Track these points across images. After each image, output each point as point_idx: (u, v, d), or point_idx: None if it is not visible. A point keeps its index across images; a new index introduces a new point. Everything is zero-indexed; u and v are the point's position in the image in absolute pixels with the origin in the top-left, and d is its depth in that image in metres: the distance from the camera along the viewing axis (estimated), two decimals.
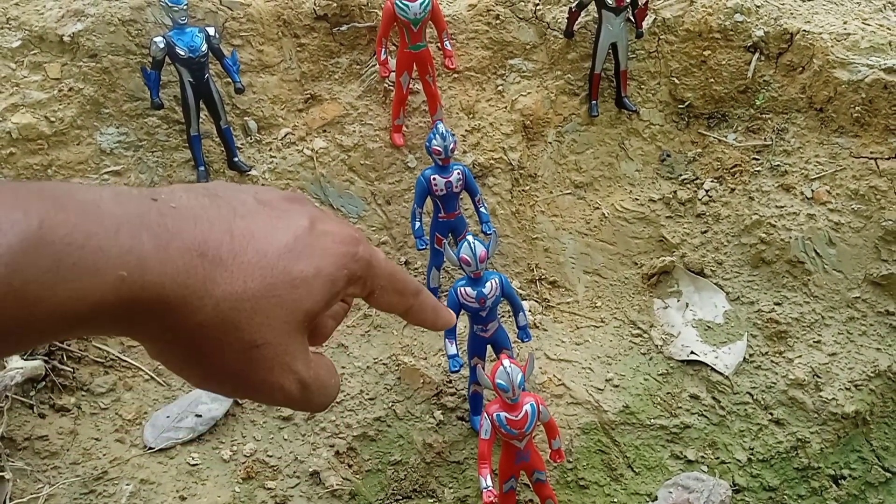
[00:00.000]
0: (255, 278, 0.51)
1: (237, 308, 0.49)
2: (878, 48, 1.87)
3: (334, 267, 0.54)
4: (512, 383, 1.28)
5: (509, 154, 1.94)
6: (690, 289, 1.89)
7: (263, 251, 0.52)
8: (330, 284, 0.53)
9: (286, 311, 0.52)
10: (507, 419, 1.30)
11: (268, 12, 1.87)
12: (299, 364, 0.55)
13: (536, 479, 1.43)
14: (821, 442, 1.66)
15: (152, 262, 0.45)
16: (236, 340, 0.50)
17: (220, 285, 0.49)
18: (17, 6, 1.76)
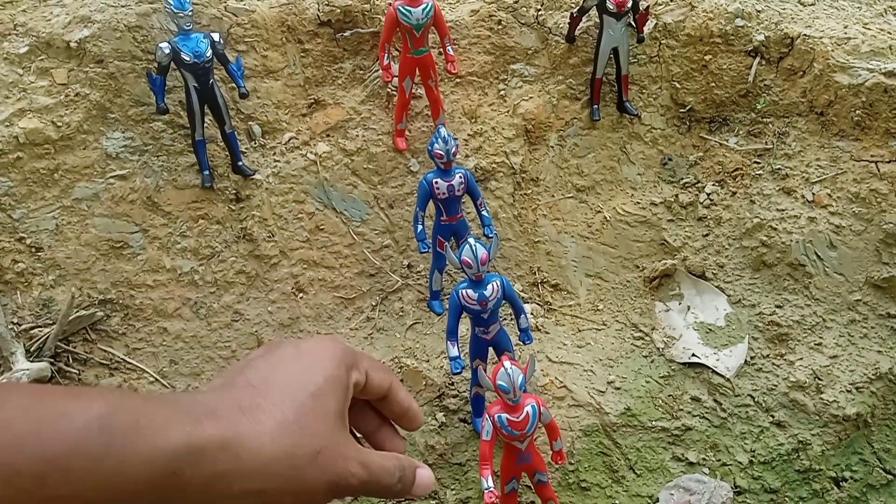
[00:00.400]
0: (287, 406, 0.64)
1: (289, 431, 0.62)
2: (878, 52, 1.88)
3: (334, 366, 0.69)
4: (513, 385, 1.29)
5: (511, 158, 1.95)
6: (692, 292, 1.90)
7: (283, 385, 0.67)
8: (338, 380, 0.68)
9: (323, 419, 0.66)
10: (509, 420, 1.31)
11: (272, 18, 1.89)
12: (352, 451, 0.68)
13: (538, 481, 1.44)
14: (822, 444, 1.67)
15: (207, 423, 0.58)
16: (303, 457, 0.63)
17: (265, 422, 0.61)
18: (25, 13, 1.79)
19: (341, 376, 0.69)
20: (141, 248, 1.77)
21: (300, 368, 0.68)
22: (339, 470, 0.65)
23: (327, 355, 0.70)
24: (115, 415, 0.53)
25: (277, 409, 0.62)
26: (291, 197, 1.86)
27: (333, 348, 0.72)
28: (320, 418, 0.65)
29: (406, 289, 1.87)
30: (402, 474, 0.76)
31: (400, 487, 0.75)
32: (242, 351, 1.76)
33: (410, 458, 0.83)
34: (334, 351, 0.71)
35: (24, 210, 1.71)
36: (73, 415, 0.51)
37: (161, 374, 1.70)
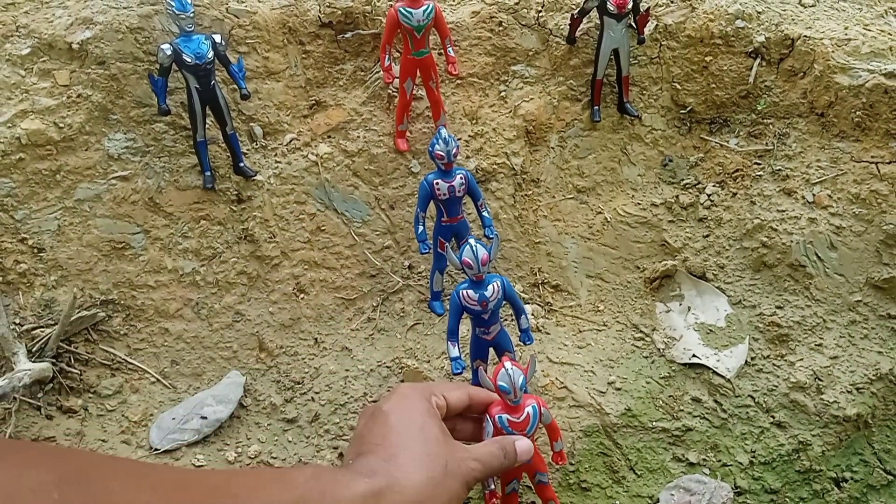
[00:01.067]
0: (411, 445, 0.90)
1: (423, 462, 0.88)
2: (878, 53, 1.88)
3: (419, 402, 1.02)
4: (513, 385, 1.26)
5: (512, 159, 1.96)
6: (692, 292, 1.90)
7: (398, 432, 0.95)
8: (428, 411, 1.00)
9: (436, 442, 0.94)
10: (510, 421, 1.28)
11: (273, 20, 1.90)
12: (465, 453, 0.99)
13: (538, 481, 1.43)
14: (822, 445, 1.67)
15: (374, 476, 0.86)
16: (439, 474, 0.90)
17: (405, 464, 0.85)
18: (27, 14, 1.79)
19: (428, 407, 0.97)
20: (143, 248, 1.77)
21: (401, 417, 0.92)
22: (463, 471, 0.91)
23: (411, 397, 0.97)
24: (321, 475, 0.79)
25: (406, 451, 0.86)
26: (293, 198, 1.86)
27: (412, 391, 1.00)
28: (433, 442, 0.90)
29: (407, 289, 1.88)
30: (505, 451, 1.05)
31: (507, 462, 1.05)
32: (243, 351, 1.76)
33: (505, 437, 1.13)
34: (413, 392, 0.99)
35: (26, 211, 1.71)
36: (296, 475, 0.78)
37: (162, 374, 1.71)
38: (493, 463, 1.00)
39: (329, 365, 1.75)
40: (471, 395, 1.11)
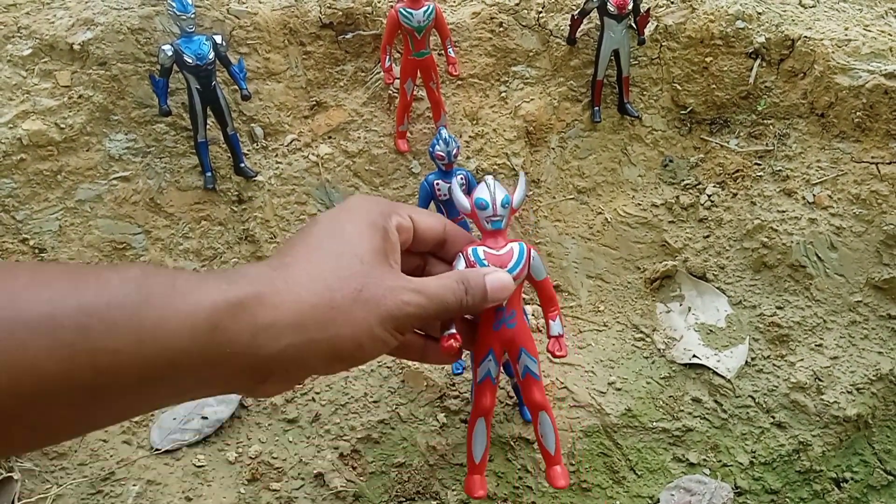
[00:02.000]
0: (316, 257, 0.64)
1: (322, 278, 0.61)
2: (878, 54, 1.88)
3: (363, 214, 0.69)
4: (493, 200, 0.93)
5: (512, 160, 1.96)
6: (693, 293, 1.90)
7: (310, 243, 0.66)
8: (371, 225, 0.68)
9: (359, 260, 0.64)
10: (486, 253, 0.89)
11: (274, 21, 1.90)
12: (401, 281, 0.66)
13: (525, 370, 1.00)
14: (823, 445, 1.67)
15: (241, 281, 0.59)
16: (343, 298, 0.61)
17: (296, 275, 0.60)
18: (29, 15, 1.80)
19: (374, 221, 0.68)
20: (143, 249, 1.77)
21: (328, 226, 0.67)
22: (388, 303, 0.63)
23: (357, 208, 0.70)
24: (150, 277, 0.54)
25: (308, 262, 0.62)
26: (293, 198, 1.87)
27: (364, 202, 0.73)
28: (354, 260, 0.63)
29: None
30: (467, 284, 0.74)
31: (471, 300, 0.74)
32: None
33: (477, 268, 0.81)
34: (364, 203, 0.72)
35: (27, 211, 1.71)
36: (111, 276, 0.52)
37: None
38: (446, 299, 0.68)
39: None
40: (448, 231, 0.81)
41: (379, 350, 0.65)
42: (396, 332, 0.65)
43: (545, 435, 1.01)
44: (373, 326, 0.62)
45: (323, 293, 0.60)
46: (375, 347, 0.63)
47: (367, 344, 0.62)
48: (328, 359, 0.60)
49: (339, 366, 0.63)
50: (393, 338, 0.65)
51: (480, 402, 0.95)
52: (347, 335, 0.60)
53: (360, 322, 0.61)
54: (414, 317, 0.66)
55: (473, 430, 0.95)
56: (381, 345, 0.64)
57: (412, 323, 0.67)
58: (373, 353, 0.64)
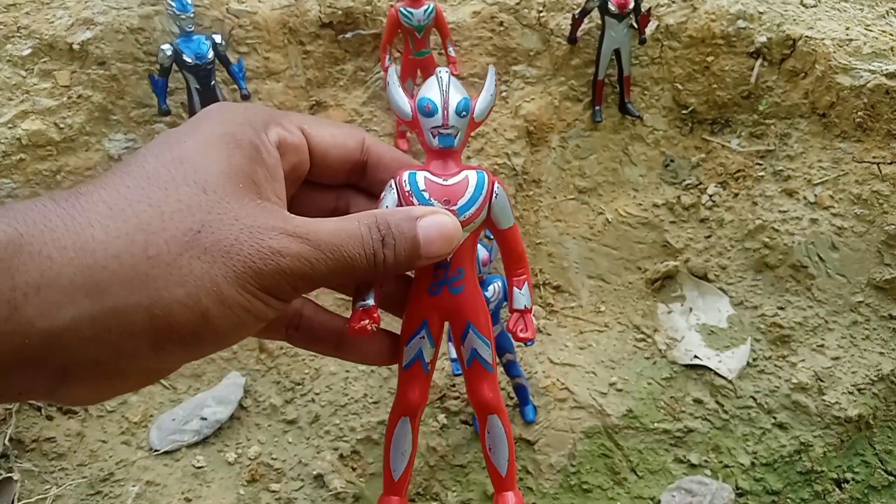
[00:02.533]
0: (130, 181, 0.41)
1: (132, 211, 0.39)
2: (880, 54, 1.87)
3: (219, 124, 0.45)
4: (445, 102, 0.60)
5: (513, 159, 1.96)
6: (694, 293, 1.89)
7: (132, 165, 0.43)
8: (229, 137, 0.44)
9: (201, 186, 0.41)
10: (429, 183, 0.58)
11: (274, 20, 1.89)
12: (274, 220, 0.43)
13: (474, 357, 0.65)
14: (824, 446, 1.66)
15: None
16: (165, 243, 0.39)
17: (88, 208, 0.39)
18: (28, 15, 1.79)
19: (235, 132, 0.44)
20: None
21: (161, 143, 0.44)
22: (247, 249, 0.40)
23: (211, 116, 0.46)
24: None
25: (108, 190, 0.39)
26: None
27: (227, 107, 0.48)
28: (194, 187, 0.40)
29: None
30: (385, 229, 0.47)
31: (391, 256, 0.48)
32: (243, 352, 1.76)
33: (406, 208, 0.52)
34: (226, 110, 0.48)
35: None
36: None
37: None
38: (349, 251, 0.45)
39: (329, 366, 1.74)
40: (369, 148, 0.55)
41: (241, 322, 0.42)
42: (268, 296, 0.42)
43: (495, 448, 0.66)
44: (220, 284, 0.39)
45: (133, 235, 0.38)
46: (231, 318, 0.41)
47: (216, 312, 0.39)
48: (153, 338, 0.38)
49: (176, 351, 0.40)
50: (263, 304, 0.42)
51: (405, 396, 0.63)
52: (178, 299, 0.38)
53: (198, 278, 0.38)
54: (294, 274, 0.42)
55: (393, 433, 0.63)
56: (243, 314, 0.41)
57: (293, 284, 0.43)
58: (230, 329, 0.41)
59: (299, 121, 0.51)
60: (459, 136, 0.60)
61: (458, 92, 0.61)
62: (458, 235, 0.53)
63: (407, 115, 0.61)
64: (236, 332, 0.43)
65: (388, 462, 0.64)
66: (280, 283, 0.43)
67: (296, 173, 0.51)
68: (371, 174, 0.57)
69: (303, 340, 0.57)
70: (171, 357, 0.41)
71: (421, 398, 0.64)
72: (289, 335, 0.56)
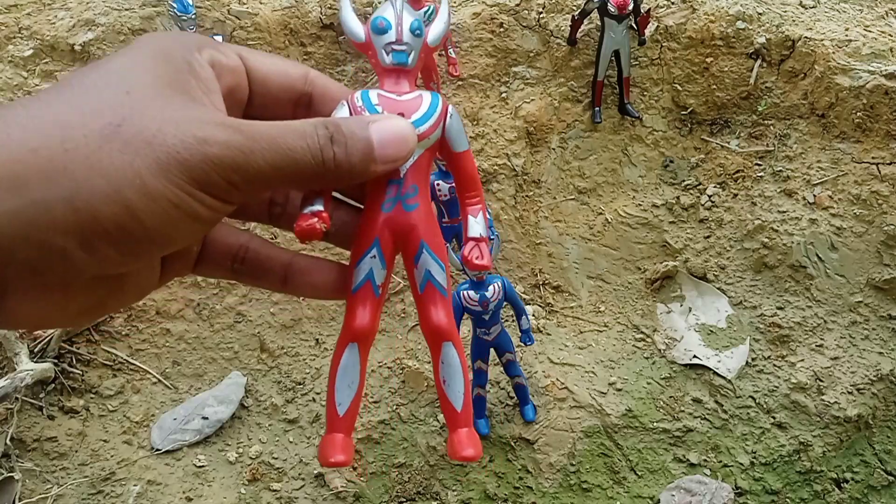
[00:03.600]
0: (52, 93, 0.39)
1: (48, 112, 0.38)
2: (879, 54, 1.88)
3: (160, 45, 0.43)
4: (399, 20, 0.59)
5: (513, 160, 1.96)
6: (693, 293, 1.90)
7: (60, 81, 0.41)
8: (158, 54, 0.43)
9: (125, 89, 0.39)
10: (382, 98, 0.56)
11: (275, 21, 1.90)
12: (200, 111, 0.41)
13: (427, 279, 0.60)
14: (823, 445, 1.67)
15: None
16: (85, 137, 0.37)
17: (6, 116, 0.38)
18: (30, 16, 1.80)
19: (168, 51, 0.42)
20: None
21: (93, 64, 0.42)
22: (170, 139, 0.38)
23: (146, 41, 0.44)
24: None
25: (33, 101, 0.38)
26: None
27: (163, 35, 0.46)
28: (118, 91, 0.39)
29: (408, 290, 1.88)
30: (337, 133, 0.45)
31: (343, 156, 0.44)
32: (245, 352, 1.76)
33: (361, 116, 0.50)
34: (162, 36, 0.45)
35: None
36: None
37: (164, 374, 1.71)
38: (292, 147, 0.42)
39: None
40: (314, 80, 0.52)
41: (171, 219, 0.39)
42: (199, 192, 0.39)
43: (450, 379, 0.60)
44: (143, 176, 0.37)
45: (49, 130, 0.37)
46: (159, 213, 0.38)
47: (141, 205, 0.37)
48: (79, 234, 0.37)
49: (107, 250, 0.38)
50: (194, 200, 0.39)
51: (354, 321, 0.57)
52: (100, 190, 0.36)
53: (119, 170, 0.36)
54: (225, 165, 0.39)
55: (339, 362, 0.57)
56: (172, 209, 0.38)
57: (225, 177, 0.40)
58: (160, 225, 0.39)
59: (237, 48, 0.49)
60: (413, 56, 0.58)
61: (410, 14, 0.59)
62: (413, 139, 0.50)
63: (360, 38, 0.59)
64: (169, 231, 0.40)
65: (333, 395, 0.57)
66: (210, 175, 0.39)
67: (233, 98, 0.48)
68: (318, 107, 0.53)
69: (248, 275, 0.53)
70: (103, 257, 0.39)
71: (371, 323, 0.58)
72: (234, 269, 0.53)
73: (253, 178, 0.41)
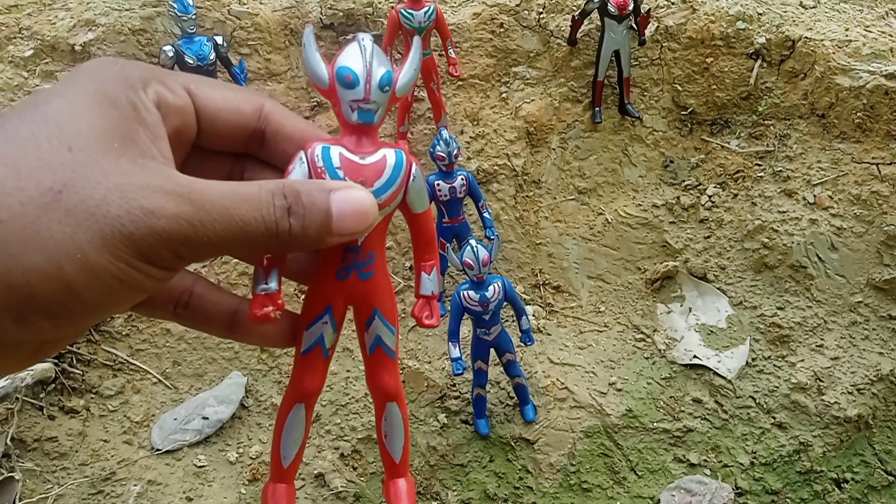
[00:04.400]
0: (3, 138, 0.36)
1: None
2: (879, 55, 1.88)
3: (90, 83, 0.40)
4: (369, 73, 0.53)
5: (513, 160, 1.96)
6: (693, 293, 1.90)
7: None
8: (101, 96, 0.40)
9: (63, 145, 0.36)
10: (344, 160, 0.52)
11: (275, 21, 1.90)
12: (152, 178, 0.37)
13: (377, 344, 0.61)
14: (823, 446, 1.67)
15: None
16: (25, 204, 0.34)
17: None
18: (30, 16, 1.80)
19: (109, 90, 0.39)
20: None
21: (30, 101, 0.39)
22: (114, 210, 0.35)
23: (86, 72, 0.41)
24: None
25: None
26: None
27: (104, 63, 0.42)
28: (59, 145, 0.36)
29: (408, 290, 1.88)
30: (296, 202, 0.42)
31: (299, 228, 0.42)
32: (245, 352, 1.76)
33: (322, 181, 0.47)
34: (102, 65, 0.42)
35: None
36: None
37: (164, 374, 1.71)
38: (243, 216, 0.40)
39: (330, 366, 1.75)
40: (268, 115, 0.49)
41: (113, 293, 0.37)
42: (144, 265, 0.37)
43: (391, 434, 0.62)
44: (86, 251, 0.34)
45: None
46: (101, 288, 0.36)
47: (82, 282, 0.35)
48: (14, 309, 0.34)
49: (42, 324, 0.36)
50: (139, 272, 0.37)
51: (302, 383, 0.58)
52: (37, 267, 0.34)
53: (59, 244, 0.34)
54: (172, 238, 0.37)
55: (286, 420, 0.59)
56: (115, 283, 0.36)
57: (173, 249, 0.38)
58: (101, 299, 0.37)
59: (185, 80, 0.45)
60: (380, 112, 0.54)
61: (381, 64, 0.53)
62: (373, 213, 0.48)
63: (323, 83, 0.53)
64: (109, 304, 0.38)
65: (279, 449, 0.60)
66: (157, 249, 0.37)
67: (180, 137, 0.45)
68: (271, 144, 0.50)
69: (192, 320, 0.51)
70: (37, 330, 0.36)
71: (318, 384, 0.60)
72: (177, 313, 0.50)
73: (201, 249, 0.39)
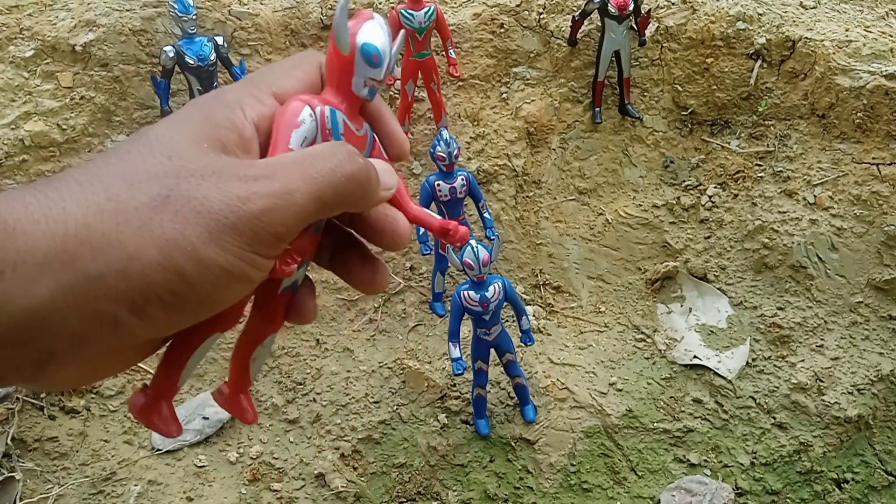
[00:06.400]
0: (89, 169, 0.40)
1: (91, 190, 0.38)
2: (879, 55, 1.88)
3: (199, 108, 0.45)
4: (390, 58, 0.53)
5: (513, 160, 1.96)
6: (694, 294, 1.90)
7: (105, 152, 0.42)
8: (201, 114, 0.44)
9: (161, 157, 0.40)
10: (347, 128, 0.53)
11: (276, 22, 1.90)
12: (233, 167, 0.41)
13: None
14: (823, 446, 1.67)
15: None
16: (137, 209, 0.38)
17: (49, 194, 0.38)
18: (31, 17, 1.80)
19: (207, 112, 0.44)
20: None
21: (136, 134, 0.43)
22: (216, 205, 0.38)
23: (185, 108, 0.45)
24: None
25: (80, 172, 0.39)
26: None
27: (203, 98, 0.46)
28: (161, 157, 0.40)
29: (408, 290, 1.88)
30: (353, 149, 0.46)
31: (362, 164, 0.45)
32: None
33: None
34: (203, 98, 0.46)
35: None
36: None
37: None
38: (318, 168, 0.43)
39: (331, 366, 1.75)
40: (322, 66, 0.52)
41: (218, 282, 0.40)
42: (249, 253, 0.40)
43: (259, 359, 0.57)
44: (195, 243, 0.38)
45: (102, 205, 0.37)
46: (210, 279, 0.39)
47: (193, 272, 0.38)
48: (131, 301, 0.37)
49: (158, 314, 0.39)
50: (242, 262, 0.40)
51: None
52: (153, 260, 0.37)
53: (171, 240, 0.37)
54: (270, 217, 0.40)
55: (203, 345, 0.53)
56: (223, 274, 0.39)
57: (272, 231, 0.40)
58: (211, 290, 0.40)
59: (268, 83, 0.48)
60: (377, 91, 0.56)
61: (393, 42, 0.54)
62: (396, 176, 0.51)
63: (346, 51, 0.52)
64: (218, 295, 0.41)
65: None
66: (259, 234, 0.40)
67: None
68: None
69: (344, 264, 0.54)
70: (153, 321, 0.39)
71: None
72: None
73: (295, 219, 0.41)
